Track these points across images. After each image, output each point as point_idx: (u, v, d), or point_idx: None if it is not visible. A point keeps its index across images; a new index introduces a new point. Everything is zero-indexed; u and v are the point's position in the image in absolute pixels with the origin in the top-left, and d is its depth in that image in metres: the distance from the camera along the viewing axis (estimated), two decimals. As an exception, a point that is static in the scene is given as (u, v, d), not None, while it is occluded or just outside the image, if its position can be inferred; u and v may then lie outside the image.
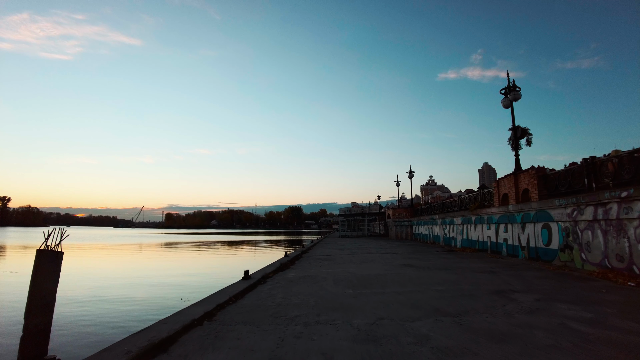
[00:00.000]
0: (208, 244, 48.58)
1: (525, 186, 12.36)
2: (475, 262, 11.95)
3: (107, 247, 38.59)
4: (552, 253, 10.92)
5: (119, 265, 22.07)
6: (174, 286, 14.53)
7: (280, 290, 7.35)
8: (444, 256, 14.42)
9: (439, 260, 12.72)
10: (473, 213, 16.67)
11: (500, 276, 8.81)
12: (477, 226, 16.65)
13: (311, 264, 12.25)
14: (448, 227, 20.84)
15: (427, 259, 13.46)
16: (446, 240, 21.29)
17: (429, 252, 16.85)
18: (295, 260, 13.62)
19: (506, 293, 6.73)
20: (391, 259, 13.39)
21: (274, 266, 11.16)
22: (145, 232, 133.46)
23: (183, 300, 11.44)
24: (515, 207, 12.75)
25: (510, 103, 13.73)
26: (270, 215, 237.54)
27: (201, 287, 13.42)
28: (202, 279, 15.98)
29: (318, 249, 20.56)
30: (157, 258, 27.86)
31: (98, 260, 25.80)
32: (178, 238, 69.56)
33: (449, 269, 10.22)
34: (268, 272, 9.86)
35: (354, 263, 12.30)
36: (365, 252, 17.38)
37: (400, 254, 15.57)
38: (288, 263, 12.34)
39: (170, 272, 19.14)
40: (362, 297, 6.54)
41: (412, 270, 10.06)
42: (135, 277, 16.70)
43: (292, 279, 8.93)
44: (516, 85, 13.58)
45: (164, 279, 16.70)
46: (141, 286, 14.47)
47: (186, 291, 13.49)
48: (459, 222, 18.90)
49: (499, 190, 14.28)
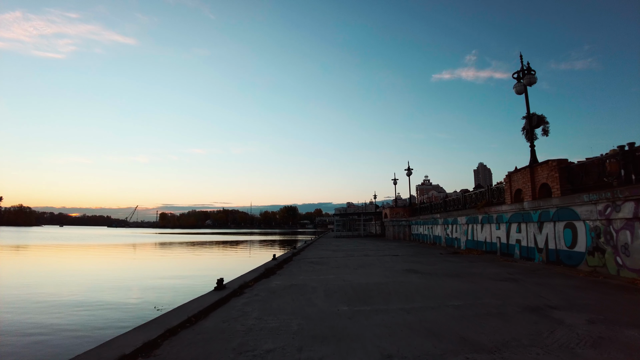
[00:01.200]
0: (199, 244, 46.88)
1: (543, 180, 10.94)
2: (487, 267, 10.50)
3: (91, 247, 36.75)
4: (577, 256, 9.49)
5: (98, 267, 20.38)
6: (151, 290, 13.00)
7: (257, 306, 5.83)
8: (450, 259, 12.97)
9: (445, 264, 11.26)
10: (480, 211, 15.25)
11: (524, 285, 7.35)
12: (484, 226, 15.22)
13: (301, 269, 10.74)
14: (451, 227, 19.41)
15: (431, 262, 12.00)
16: (448, 241, 19.86)
17: (432, 254, 15.40)
18: (284, 264, 12.09)
19: (544, 310, 5.26)
20: (391, 263, 11.91)
21: (257, 272, 9.62)
22: (138, 231, 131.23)
23: (156, 309, 10.05)
24: (531, 204, 11.33)
25: (524, 88, 12.31)
26: (265, 215, 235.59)
27: (178, 294, 11.90)
28: (185, 282, 14.42)
29: (311, 250, 19.05)
30: (141, 259, 26.16)
31: (77, 260, 24.05)
32: (169, 238, 67.73)
33: (460, 276, 8.74)
34: (248, 280, 8.33)
35: (349, 268, 10.80)
36: (362, 254, 15.89)
37: (400, 257, 14.10)
38: (275, 268, 10.81)
39: (151, 274, 17.55)
40: (360, 317, 5.04)
41: (417, 278, 8.57)
42: (111, 280, 15.12)
43: (275, 289, 7.40)
44: (531, 68, 12.14)
45: (142, 281, 15.18)
46: (115, 290, 12.96)
47: (164, 296, 11.99)
48: (463, 222, 17.48)
49: (511, 186, 12.86)
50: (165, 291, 12.74)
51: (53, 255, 28.73)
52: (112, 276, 16.61)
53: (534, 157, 11.88)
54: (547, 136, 11.90)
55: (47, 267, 20.42)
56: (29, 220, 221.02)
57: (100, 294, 12.17)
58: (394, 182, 38.51)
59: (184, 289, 13.05)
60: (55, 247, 37.00)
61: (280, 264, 11.77)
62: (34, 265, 21.30)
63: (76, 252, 31.72)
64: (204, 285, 12.28)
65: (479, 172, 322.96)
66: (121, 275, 17.21)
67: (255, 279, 8.70)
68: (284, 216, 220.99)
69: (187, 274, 17.37)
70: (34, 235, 75.13)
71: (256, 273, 9.45)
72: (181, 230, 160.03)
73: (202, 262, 23.79)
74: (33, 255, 28.11)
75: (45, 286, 13.60)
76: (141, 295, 12.08)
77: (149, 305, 10.46)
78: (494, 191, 14.72)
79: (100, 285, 14.00)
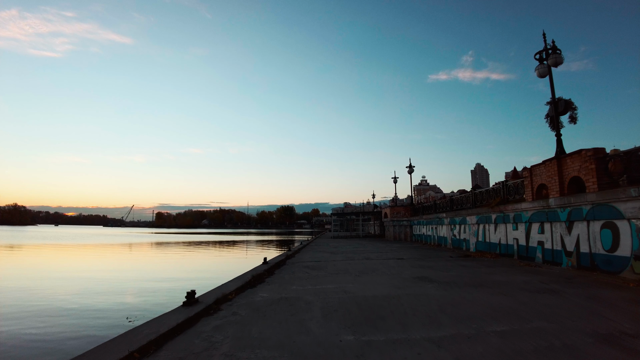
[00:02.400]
0: (192, 244, 45.27)
1: (574, 173, 9.50)
2: (511, 273, 9.04)
3: (77, 247, 34.99)
4: (619, 262, 8.06)
5: (74, 268, 18.74)
6: (124, 296, 11.52)
7: (232, 332, 4.34)
8: (463, 263, 11.51)
9: (460, 270, 9.80)
10: (494, 210, 13.81)
11: (571, 299, 5.90)
12: (498, 226, 13.79)
13: (294, 276, 9.25)
14: (458, 227, 17.98)
15: (443, 267, 10.54)
16: (455, 242, 18.43)
17: (440, 257, 13.96)
18: (275, 270, 10.60)
19: (621, 340, 3.81)
20: (398, 268, 10.44)
21: (241, 280, 8.12)
22: (132, 231, 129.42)
23: (128, 320, 8.65)
24: (558, 200, 9.90)
25: (548, 70, 10.89)
26: (262, 214, 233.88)
27: (149, 303, 10.43)
28: (165, 286, 12.90)
29: (307, 252, 17.56)
30: (123, 260, 24.52)
31: (56, 261, 22.36)
32: (163, 238, 66.14)
33: (485, 286, 7.28)
34: (228, 291, 6.83)
35: (350, 274, 9.32)
36: (363, 256, 14.42)
37: (406, 260, 12.64)
38: (264, 274, 9.31)
39: (130, 276, 16.00)
40: (373, 354, 3.55)
41: (435, 288, 7.09)
42: (83, 284, 13.58)
43: (259, 304, 5.91)
44: (556, 47, 10.71)
45: (116, 285, 13.65)
46: (84, 295, 11.47)
47: (140, 304, 10.54)
48: (473, 222, 16.04)
49: (532, 181, 11.42)
50: (140, 297, 11.23)
51: (30, 255, 27.05)
52: (85, 278, 15.04)
53: (561, 147, 10.44)
54: (574, 124, 10.49)
55: (19, 269, 18.80)
56: (23, 220, 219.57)
57: (65, 299, 10.65)
58: (394, 181, 37.08)
59: (160, 295, 11.56)
60: (39, 247, 35.27)
61: (271, 269, 10.27)
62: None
63: (58, 252, 30.03)
64: (182, 290, 10.84)
65: (477, 172, 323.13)
66: (96, 277, 15.64)
67: (238, 289, 7.21)
68: (281, 216, 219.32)
69: (170, 277, 15.84)
70: (24, 234, 73.44)
71: (241, 281, 7.95)
72: (177, 230, 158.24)
73: (188, 265, 22.23)
74: (8, 256, 26.44)
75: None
76: (110, 302, 10.58)
77: (115, 315, 8.96)
78: (510, 188, 13.28)
79: (69, 288, 12.46)
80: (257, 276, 8.75)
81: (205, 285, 11.25)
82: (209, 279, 14.49)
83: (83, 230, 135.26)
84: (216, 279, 13.82)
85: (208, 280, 13.81)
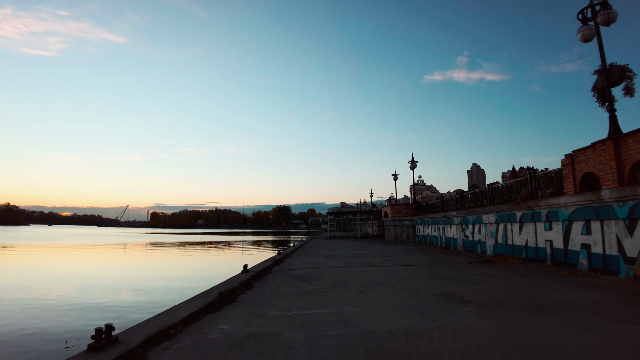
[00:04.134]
0: (180, 244, 42.93)
1: (639, 157, 7.37)
2: (563, 288, 6.87)
3: (64, 247, 32.52)
4: None
5: (47, 274, 16.40)
6: (57, 313, 9.27)
7: None
8: (488, 271, 9.35)
9: (492, 282, 7.64)
10: (519, 206, 11.69)
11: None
12: (525, 225, 11.67)
13: (277, 291, 7.04)
14: (471, 227, 15.85)
15: (468, 277, 8.37)
16: (467, 244, 16.31)
17: (456, 262, 11.82)
18: (255, 281, 8.39)
19: None
20: (411, 279, 8.26)
21: (202, 299, 5.90)
22: (126, 231, 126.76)
23: (66, 345, 6.41)
24: (616, 192, 7.77)
25: (596, 30, 8.77)
26: (258, 214, 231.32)
27: (56, 336, 8.19)
28: (106, 304, 10.53)
29: (299, 256, 15.36)
30: (96, 263, 22.11)
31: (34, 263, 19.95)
32: (153, 238, 63.90)
33: (546, 310, 5.09)
34: (174, 320, 4.60)
35: (351, 289, 7.13)
36: (365, 262, 12.26)
37: (418, 267, 10.48)
38: (238, 289, 7.11)
39: (66, 292, 13.62)
40: None
41: (474, 316, 4.90)
42: (53, 292, 11.35)
43: (210, 349, 3.69)
44: (607, 2, 8.57)
45: (90, 292, 11.44)
46: (51, 305, 9.28)
47: (26, 344, 8.13)
48: (490, 220, 13.91)
49: (575, 170, 9.29)
50: (42, 327, 8.91)
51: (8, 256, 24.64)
52: (41, 285, 12.75)
53: (616, 126, 8.32)
54: (631, 96, 8.38)
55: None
56: (16, 220, 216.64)
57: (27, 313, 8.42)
58: (394, 178, 34.95)
59: (72, 324, 9.17)
60: (22, 248, 32.79)
61: (249, 281, 8.05)
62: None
63: (31, 254, 27.60)
64: (118, 312, 8.63)
65: (473, 172, 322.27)
66: (52, 286, 13.37)
67: (192, 315, 5.01)
68: (277, 216, 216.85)
69: (124, 287, 13.57)
70: (11, 235, 71.10)
71: (201, 301, 5.74)
72: (172, 230, 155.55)
73: (160, 271, 19.91)
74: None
75: None
76: (84, 313, 8.38)
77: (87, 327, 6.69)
78: (541, 179, 11.13)
79: (41, 298, 10.19)
80: (228, 293, 6.54)
81: (160, 303, 9.08)
82: (171, 292, 12.25)
83: (74, 230, 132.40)
84: (181, 291, 11.63)
85: (169, 294, 11.57)
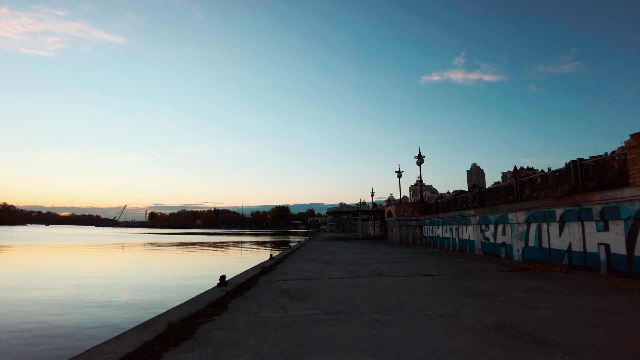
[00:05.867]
0: (175, 245, 40.84)
1: None
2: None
3: (42, 249, 30.42)
4: None
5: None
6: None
7: None
8: (535, 284, 7.23)
9: (558, 304, 5.51)
10: (561, 202, 9.61)
11: None
12: (567, 225, 9.59)
13: (257, 319, 4.89)
14: (493, 227, 13.77)
15: (518, 296, 6.24)
16: (488, 247, 14.21)
17: (482, 269, 9.73)
18: (232, 299, 6.27)
19: None
20: (440, 298, 6.13)
21: (140, 334, 3.79)
22: (122, 231, 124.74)
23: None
24: None
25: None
26: (257, 215, 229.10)
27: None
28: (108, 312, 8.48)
29: (294, 261, 13.24)
30: (88, 267, 19.97)
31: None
32: (149, 238, 61.96)
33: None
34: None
35: (361, 317, 4.97)
36: (373, 271, 10.15)
37: (440, 279, 8.37)
38: (202, 312, 4.99)
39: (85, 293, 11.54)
40: None
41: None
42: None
43: None
44: None
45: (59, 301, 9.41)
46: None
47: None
48: (519, 220, 11.82)
49: (648, 154, 7.22)
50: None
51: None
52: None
53: None
54: None
55: None
56: (13, 219, 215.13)
57: None
58: (398, 175, 32.84)
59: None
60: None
61: (222, 300, 5.93)
62: None
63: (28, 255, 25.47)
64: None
65: (472, 172, 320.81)
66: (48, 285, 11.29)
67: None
68: (276, 216, 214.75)
69: (68, 300, 11.49)
70: (4, 235, 69.47)
71: (132, 342, 3.63)
72: (169, 230, 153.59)
73: (132, 277, 17.82)
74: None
75: None
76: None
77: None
78: (589, 168, 9.02)
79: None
80: (183, 323, 4.42)
81: (80, 340, 7.06)
82: (117, 312, 10.12)
83: (70, 230, 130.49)
84: (133, 312, 9.56)
85: (108, 319, 9.42)
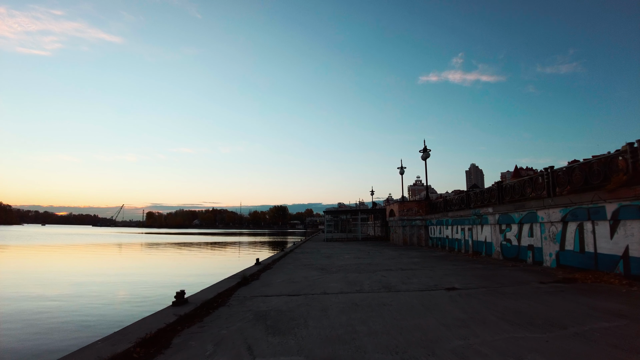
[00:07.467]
0: (169, 245, 38.84)
1: None
2: None
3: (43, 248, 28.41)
4: None
5: None
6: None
7: None
8: (606, 305, 5.29)
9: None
10: (614, 196, 7.69)
11: None
12: (622, 224, 7.66)
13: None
14: (516, 227, 11.85)
15: (593, 327, 4.28)
16: (509, 250, 12.29)
17: (516, 281, 7.79)
18: (182, 329, 4.30)
19: None
20: (481, 329, 4.16)
21: None
22: (120, 231, 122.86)
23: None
24: None
25: None
26: (255, 215, 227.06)
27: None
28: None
29: (284, 267, 11.26)
30: (71, 270, 17.93)
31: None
32: (145, 238, 60.00)
33: None
34: None
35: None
36: (379, 282, 8.21)
37: (468, 295, 6.43)
38: (127, 356, 3.07)
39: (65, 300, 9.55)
40: None
41: None
42: None
43: None
44: None
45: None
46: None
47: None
48: (553, 218, 9.90)
49: None
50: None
51: None
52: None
53: None
54: None
55: None
56: (9, 219, 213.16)
57: None
58: (401, 172, 30.93)
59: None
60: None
61: (167, 331, 3.96)
62: None
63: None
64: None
65: (471, 172, 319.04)
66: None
67: None
68: (274, 216, 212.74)
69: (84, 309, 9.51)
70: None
71: None
72: (167, 230, 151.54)
73: (100, 284, 15.86)
74: None
75: None
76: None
77: None
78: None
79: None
80: None
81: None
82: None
83: (66, 229, 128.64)
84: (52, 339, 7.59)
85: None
